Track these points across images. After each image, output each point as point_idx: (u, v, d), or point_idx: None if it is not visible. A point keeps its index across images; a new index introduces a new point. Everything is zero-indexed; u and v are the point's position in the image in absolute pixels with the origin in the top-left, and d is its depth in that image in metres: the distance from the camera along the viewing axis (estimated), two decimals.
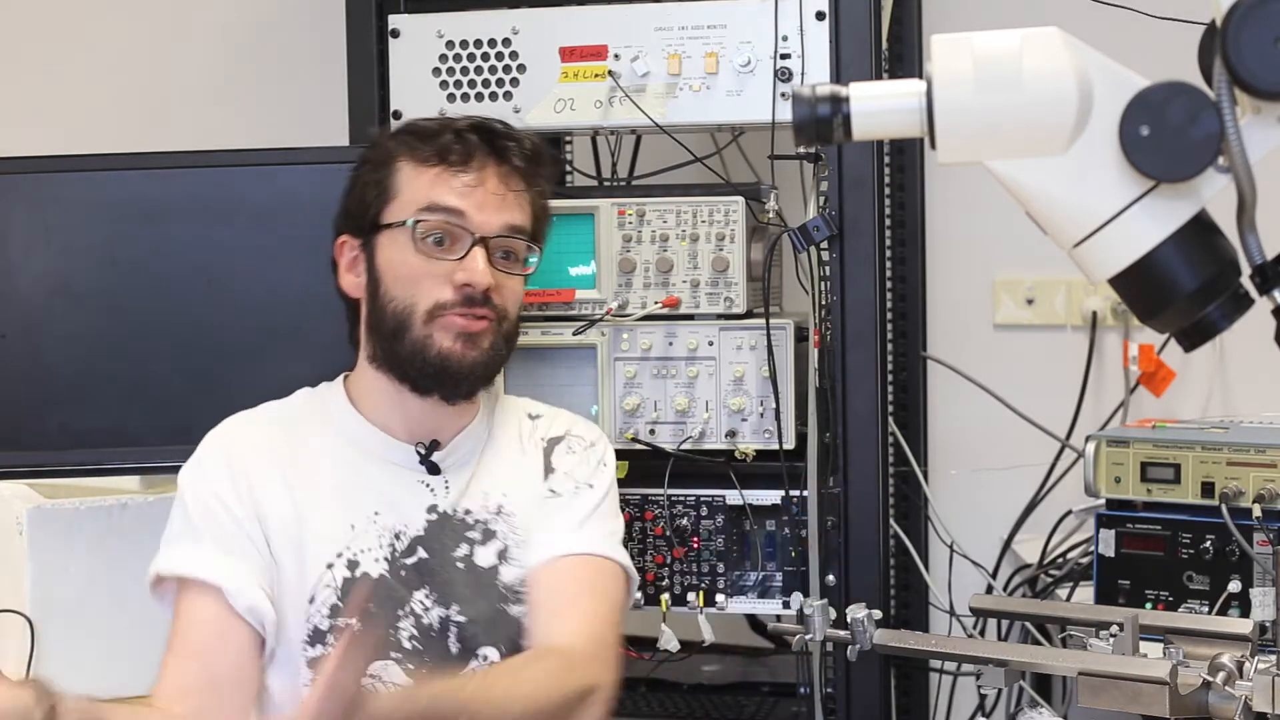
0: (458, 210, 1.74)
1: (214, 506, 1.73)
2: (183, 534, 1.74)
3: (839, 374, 2.10)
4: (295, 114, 2.87)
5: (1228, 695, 1.48)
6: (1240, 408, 2.71)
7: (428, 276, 1.73)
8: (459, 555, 1.78)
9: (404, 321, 1.74)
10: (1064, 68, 1.18)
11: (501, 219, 1.76)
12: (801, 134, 1.25)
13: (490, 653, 1.76)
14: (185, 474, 1.78)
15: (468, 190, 1.75)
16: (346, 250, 1.82)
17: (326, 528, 1.75)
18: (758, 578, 2.17)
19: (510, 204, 1.77)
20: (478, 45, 2.19)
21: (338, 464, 1.79)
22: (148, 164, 2.17)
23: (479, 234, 1.74)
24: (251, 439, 1.79)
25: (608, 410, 2.19)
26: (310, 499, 1.75)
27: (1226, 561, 1.98)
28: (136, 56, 3.06)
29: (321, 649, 1.72)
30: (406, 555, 1.76)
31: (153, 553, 1.76)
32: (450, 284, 1.73)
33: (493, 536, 1.80)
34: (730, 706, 2.53)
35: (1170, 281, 1.20)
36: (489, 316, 1.75)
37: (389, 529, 1.76)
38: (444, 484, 1.81)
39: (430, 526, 1.78)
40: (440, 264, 1.74)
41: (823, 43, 2.08)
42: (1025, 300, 2.84)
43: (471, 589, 1.77)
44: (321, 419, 1.82)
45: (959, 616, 2.60)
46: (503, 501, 1.82)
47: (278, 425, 1.81)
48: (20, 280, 2.11)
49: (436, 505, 1.79)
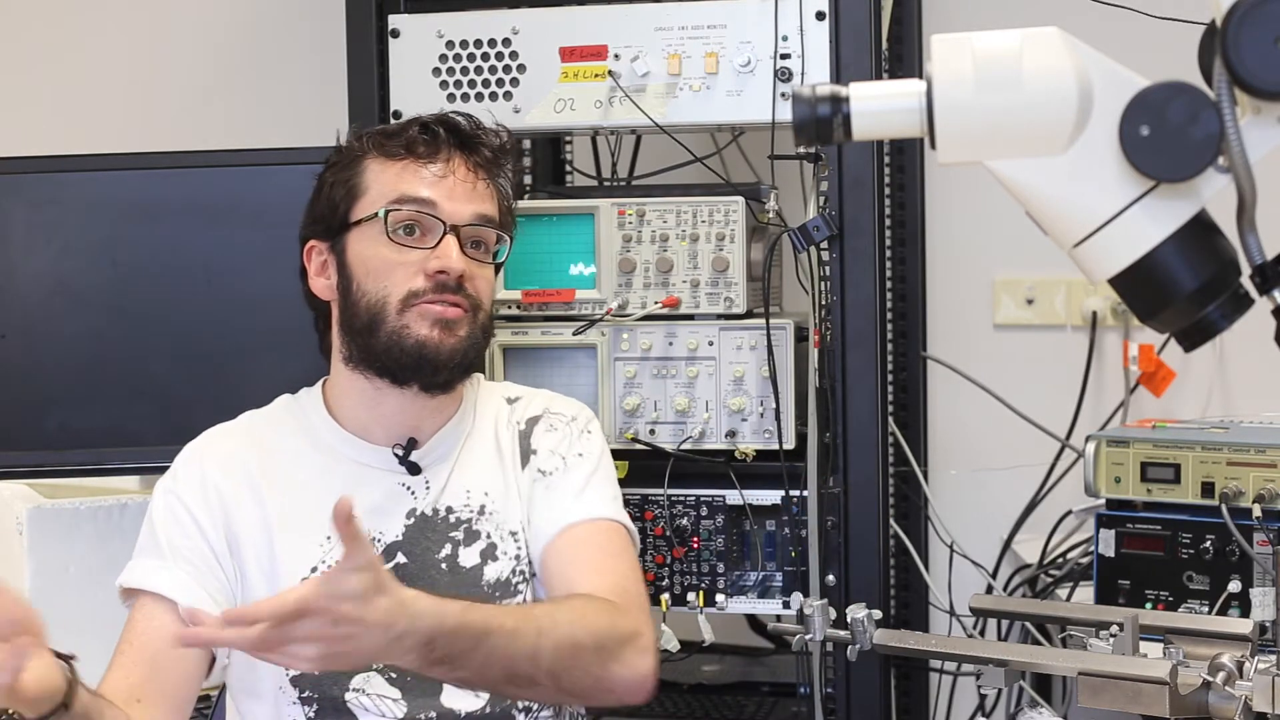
0: (428, 200, 1.74)
1: (183, 520, 1.72)
2: (147, 547, 1.73)
3: (839, 374, 2.10)
4: (295, 114, 2.87)
5: (1228, 695, 1.48)
6: (1240, 408, 2.71)
7: (400, 266, 1.72)
8: (442, 557, 1.77)
9: (378, 314, 1.72)
10: (1064, 68, 1.18)
11: (472, 208, 1.76)
12: (801, 134, 1.25)
13: None
14: (158, 486, 1.77)
15: (437, 180, 1.75)
16: (315, 255, 1.80)
17: (301, 542, 1.73)
18: (758, 578, 2.17)
19: (480, 193, 1.77)
20: (478, 45, 2.19)
21: (313, 474, 1.77)
22: (148, 164, 2.17)
23: (450, 222, 1.74)
24: (226, 453, 1.78)
25: (608, 410, 2.18)
26: (285, 513, 1.74)
27: (1226, 561, 1.98)
28: (136, 56, 3.06)
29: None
30: (383, 562, 1.72)
31: None
32: (423, 272, 1.72)
33: (476, 537, 1.78)
34: (730, 706, 2.53)
35: (1170, 281, 1.20)
36: (463, 305, 1.73)
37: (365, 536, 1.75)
38: (424, 484, 1.79)
39: (409, 531, 1.76)
40: (413, 253, 1.73)
41: (823, 43, 2.08)
42: (1025, 300, 2.84)
43: (455, 591, 1.74)
44: (298, 427, 1.81)
45: (959, 616, 2.60)
46: (485, 501, 1.80)
47: (253, 437, 1.80)
48: (20, 280, 2.11)
49: (415, 509, 1.77)
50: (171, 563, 1.70)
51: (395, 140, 1.77)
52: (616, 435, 2.18)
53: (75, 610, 2.12)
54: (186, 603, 1.65)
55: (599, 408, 2.18)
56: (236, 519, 1.73)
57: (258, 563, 1.72)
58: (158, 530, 1.73)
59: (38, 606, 2.09)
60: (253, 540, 1.73)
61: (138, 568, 1.73)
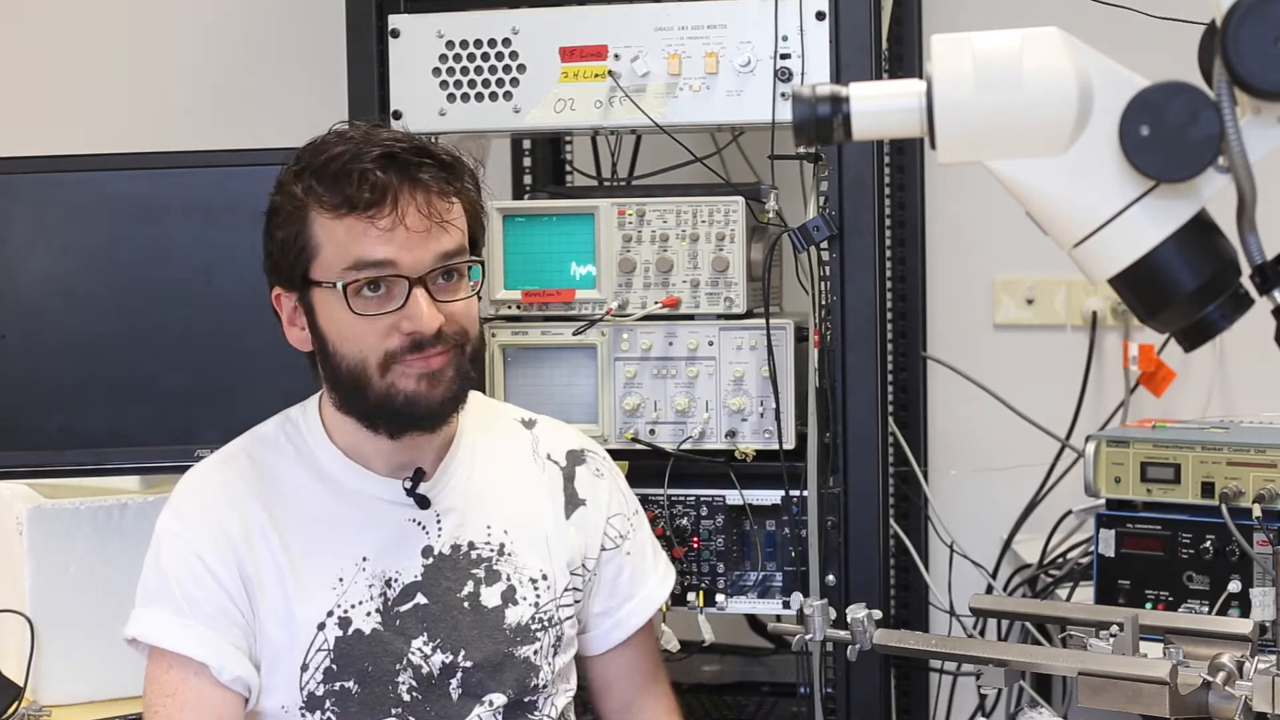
0: (384, 260, 1.61)
1: (196, 569, 1.67)
2: (159, 595, 1.68)
3: (839, 374, 2.10)
4: (295, 114, 2.86)
5: (1228, 695, 1.48)
6: (1240, 408, 2.71)
7: (371, 332, 1.63)
8: (464, 594, 1.73)
9: (360, 377, 1.65)
10: (1064, 68, 1.18)
11: (431, 251, 1.63)
12: (801, 134, 1.25)
13: (496, 698, 1.72)
14: (163, 526, 1.71)
15: (388, 235, 1.61)
16: (285, 302, 1.71)
17: (314, 587, 1.68)
18: (758, 578, 2.17)
19: (436, 233, 1.63)
20: (478, 45, 2.19)
21: (321, 512, 1.71)
22: (148, 164, 2.17)
23: (413, 275, 1.62)
24: (231, 492, 1.71)
25: (608, 410, 2.18)
26: (294, 555, 1.69)
27: (1226, 561, 1.98)
28: (136, 57, 3.06)
29: (320, 715, 1.67)
30: (401, 602, 1.70)
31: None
32: (397, 333, 1.63)
33: (497, 578, 1.74)
34: (730, 706, 2.53)
35: (1170, 281, 1.20)
36: (446, 351, 1.65)
37: (379, 576, 1.70)
38: (435, 520, 1.74)
39: (428, 571, 1.72)
40: (381, 319, 1.63)
41: (823, 43, 2.08)
42: (1025, 300, 2.84)
43: (477, 630, 1.72)
44: (297, 455, 1.74)
45: (959, 616, 2.60)
46: (504, 540, 1.76)
47: (256, 470, 1.73)
48: (20, 280, 2.11)
49: (431, 548, 1.73)
50: (191, 617, 1.65)
51: (335, 192, 1.62)
52: (616, 435, 2.18)
53: (75, 610, 2.12)
54: (215, 662, 1.64)
55: (599, 408, 2.18)
56: (247, 559, 1.68)
57: (272, 607, 1.68)
58: (169, 577, 1.67)
59: (38, 606, 2.12)
60: (265, 582, 1.68)
61: (153, 620, 1.68)
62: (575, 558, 1.81)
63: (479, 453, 1.80)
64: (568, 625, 1.80)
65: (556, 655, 1.78)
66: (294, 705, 1.68)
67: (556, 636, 1.78)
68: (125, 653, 1.72)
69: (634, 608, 1.87)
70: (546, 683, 1.76)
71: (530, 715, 1.75)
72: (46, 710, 2.09)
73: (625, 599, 1.86)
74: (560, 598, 1.79)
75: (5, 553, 2.19)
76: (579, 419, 2.17)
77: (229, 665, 1.65)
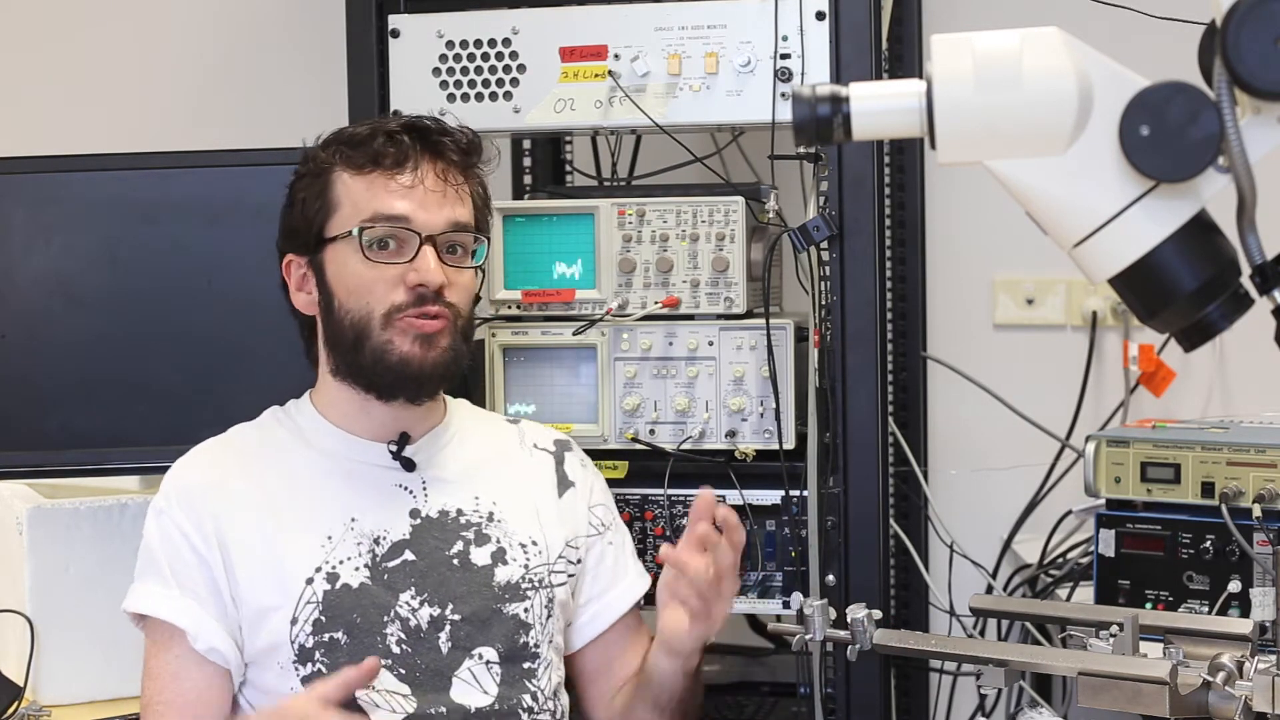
0: (401, 214, 1.73)
1: (177, 541, 1.74)
2: (149, 569, 1.76)
3: (839, 374, 2.10)
4: (295, 114, 2.85)
5: (1228, 695, 1.48)
6: (1240, 408, 2.70)
7: (380, 282, 1.73)
8: (454, 552, 1.78)
9: (362, 331, 1.74)
10: (1064, 68, 1.18)
11: (445, 215, 1.75)
12: (801, 134, 1.25)
13: (487, 652, 1.76)
14: (151, 508, 1.78)
15: (407, 191, 1.74)
16: (294, 269, 1.81)
17: (302, 545, 1.74)
18: (758, 578, 2.17)
19: (451, 199, 1.77)
20: (478, 45, 2.19)
21: (311, 476, 1.79)
22: (148, 164, 2.17)
23: (425, 233, 1.73)
24: (217, 470, 1.79)
25: (608, 410, 2.18)
26: (283, 519, 1.75)
27: (1226, 561, 1.98)
28: (136, 56, 3.06)
29: (311, 666, 1.71)
30: (389, 558, 1.76)
31: None
32: (403, 286, 1.72)
33: (487, 540, 1.80)
34: (730, 706, 2.53)
35: (1170, 281, 1.20)
36: (444, 315, 1.74)
37: (367, 534, 1.76)
38: (422, 485, 1.81)
39: (416, 530, 1.78)
40: (391, 268, 1.73)
41: (823, 43, 2.08)
42: (1025, 300, 2.84)
43: (466, 586, 1.77)
44: (291, 434, 1.82)
45: (959, 616, 2.60)
46: (494, 509, 1.82)
47: (244, 451, 1.82)
48: (20, 280, 2.11)
49: (419, 510, 1.79)
50: (177, 590, 1.73)
51: (361, 151, 1.76)
52: (616, 435, 2.18)
53: (75, 610, 2.12)
54: (191, 628, 1.70)
55: (599, 408, 2.18)
56: (231, 539, 1.73)
57: (263, 575, 1.73)
58: (156, 553, 1.75)
59: (38, 606, 2.12)
60: (254, 555, 1.73)
61: (141, 591, 1.76)
62: (569, 533, 1.87)
63: (469, 438, 1.88)
64: (560, 591, 1.83)
65: (550, 619, 1.81)
66: (287, 660, 1.72)
67: (549, 599, 1.81)
68: (125, 653, 1.73)
69: (613, 600, 1.91)
70: (538, 643, 1.79)
71: (530, 682, 1.78)
72: (46, 710, 2.10)
73: (607, 587, 1.90)
74: (553, 564, 1.83)
75: (5, 553, 2.19)
76: (579, 419, 2.18)
77: (204, 634, 1.71)
